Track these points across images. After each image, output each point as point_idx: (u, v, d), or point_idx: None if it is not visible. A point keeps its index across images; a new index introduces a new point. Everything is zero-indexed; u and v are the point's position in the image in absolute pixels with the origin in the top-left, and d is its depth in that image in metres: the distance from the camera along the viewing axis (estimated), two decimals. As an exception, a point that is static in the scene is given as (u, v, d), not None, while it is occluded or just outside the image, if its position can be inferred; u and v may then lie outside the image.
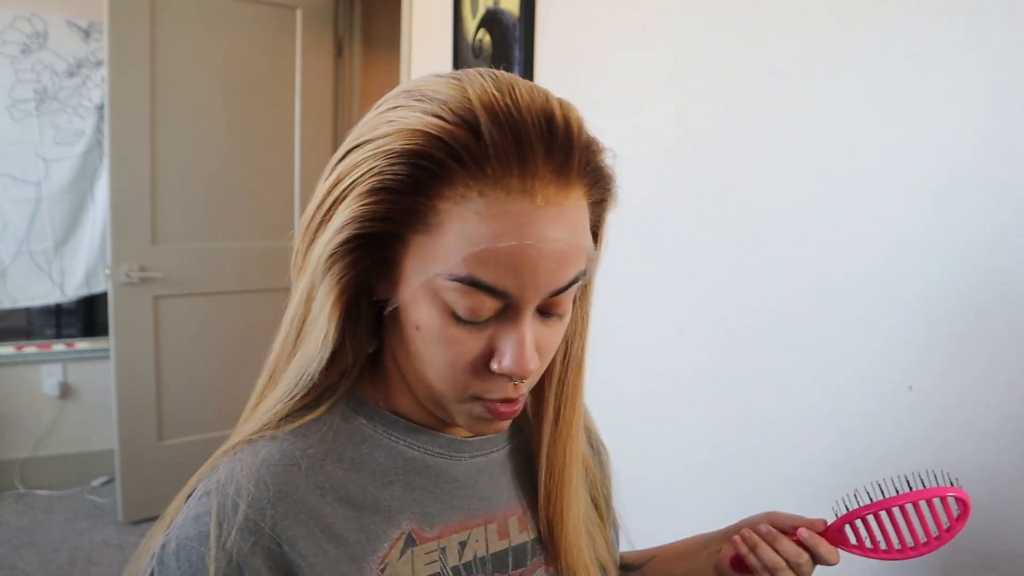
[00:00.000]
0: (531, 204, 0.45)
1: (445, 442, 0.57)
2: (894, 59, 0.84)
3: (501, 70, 0.49)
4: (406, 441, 0.56)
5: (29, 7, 2.67)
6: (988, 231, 0.75)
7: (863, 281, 0.88)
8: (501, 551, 0.58)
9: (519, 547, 0.59)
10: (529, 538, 0.60)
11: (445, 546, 0.55)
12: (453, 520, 0.56)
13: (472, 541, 0.57)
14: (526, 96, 0.46)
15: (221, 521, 0.47)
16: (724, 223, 1.09)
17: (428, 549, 0.54)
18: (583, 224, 0.48)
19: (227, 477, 0.50)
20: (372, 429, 0.56)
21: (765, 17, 1.02)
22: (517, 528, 0.60)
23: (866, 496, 0.63)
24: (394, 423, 0.56)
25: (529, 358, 0.48)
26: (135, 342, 2.53)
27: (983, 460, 0.76)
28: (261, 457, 0.51)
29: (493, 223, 0.44)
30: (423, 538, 0.54)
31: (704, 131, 1.14)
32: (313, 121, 2.83)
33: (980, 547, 0.76)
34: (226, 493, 0.49)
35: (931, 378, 0.81)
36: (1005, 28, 0.73)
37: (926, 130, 0.81)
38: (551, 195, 0.45)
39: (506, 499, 0.60)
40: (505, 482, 0.60)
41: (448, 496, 0.57)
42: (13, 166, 2.72)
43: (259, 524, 0.48)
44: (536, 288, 0.46)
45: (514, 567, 0.58)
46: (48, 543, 2.46)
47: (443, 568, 0.54)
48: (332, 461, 0.53)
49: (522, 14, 1.60)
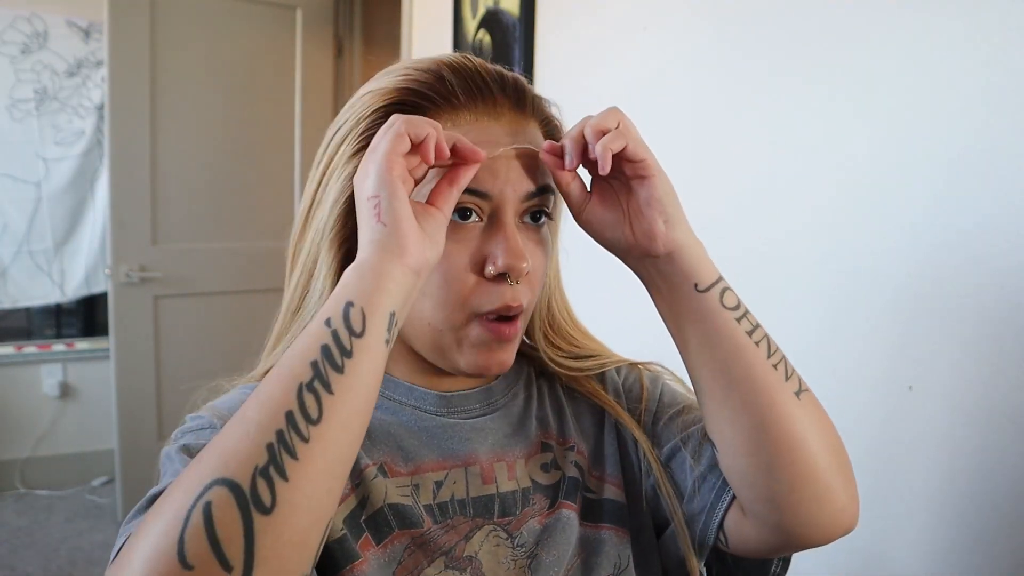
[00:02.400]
0: (497, 123, 0.54)
1: (422, 394, 0.59)
2: (894, 58, 0.84)
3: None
4: (386, 394, 0.59)
5: (29, 7, 2.67)
6: (988, 231, 0.75)
7: (863, 281, 0.88)
8: (485, 496, 0.57)
9: (508, 495, 0.57)
10: (519, 487, 0.58)
11: (419, 483, 0.55)
12: (429, 458, 0.57)
13: (449, 482, 0.56)
14: (481, 60, 0.55)
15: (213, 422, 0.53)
16: (724, 222, 1.09)
17: (400, 483, 0.55)
18: (539, 142, 0.55)
19: (209, 406, 0.56)
20: None
21: (765, 16, 1.02)
22: (506, 475, 0.58)
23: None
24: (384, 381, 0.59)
25: (521, 253, 0.51)
26: (135, 342, 2.53)
27: (983, 460, 0.76)
28: (239, 389, 0.57)
29: (468, 136, 0.51)
30: (395, 472, 0.55)
31: (704, 130, 1.14)
32: (313, 121, 2.83)
33: (981, 547, 0.76)
34: (212, 412, 0.54)
35: (931, 378, 0.81)
36: (1006, 27, 0.73)
37: (926, 130, 0.81)
38: (512, 119, 0.55)
39: (491, 445, 0.59)
40: (492, 429, 0.60)
41: (426, 435, 0.58)
42: (13, 166, 2.72)
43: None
44: (513, 187, 0.53)
45: (500, 515, 0.56)
46: (48, 543, 2.46)
47: (415, 504, 0.54)
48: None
49: (522, 14, 1.60)
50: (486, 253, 0.52)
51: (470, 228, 0.53)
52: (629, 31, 1.29)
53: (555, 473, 0.60)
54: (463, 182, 0.50)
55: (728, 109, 1.09)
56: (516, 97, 0.55)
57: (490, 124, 0.54)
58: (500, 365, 0.55)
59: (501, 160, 0.52)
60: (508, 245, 0.52)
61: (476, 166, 0.50)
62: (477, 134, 0.52)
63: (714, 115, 1.12)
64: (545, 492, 0.59)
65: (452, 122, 0.53)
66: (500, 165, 0.52)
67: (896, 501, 0.84)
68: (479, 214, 0.53)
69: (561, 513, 0.58)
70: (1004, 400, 0.74)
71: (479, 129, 0.53)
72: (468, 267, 0.53)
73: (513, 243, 0.52)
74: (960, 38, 0.77)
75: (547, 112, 0.59)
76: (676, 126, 1.19)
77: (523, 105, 0.56)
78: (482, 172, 0.51)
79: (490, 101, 0.54)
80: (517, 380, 0.65)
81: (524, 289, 0.54)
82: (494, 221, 0.53)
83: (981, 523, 0.76)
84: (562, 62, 1.52)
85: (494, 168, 0.52)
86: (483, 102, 0.54)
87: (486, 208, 0.53)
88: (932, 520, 0.80)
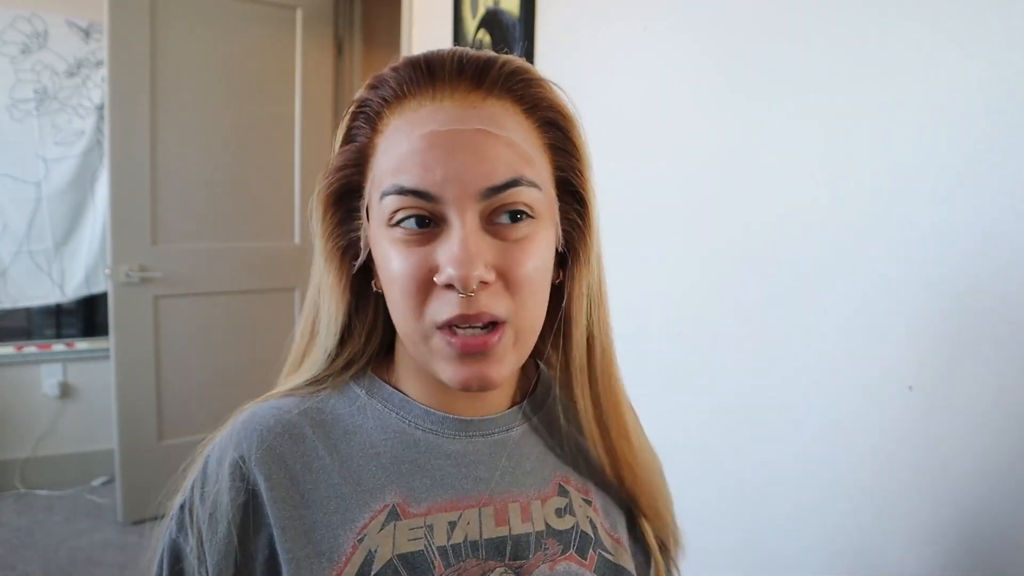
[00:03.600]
0: (440, 107, 0.48)
1: (439, 419, 0.56)
2: (895, 57, 0.84)
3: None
4: (399, 414, 0.56)
5: (29, 7, 2.67)
6: (988, 231, 0.75)
7: (863, 281, 0.88)
8: (498, 538, 0.54)
9: (521, 537, 0.55)
10: (534, 529, 0.55)
11: (432, 524, 0.52)
12: (442, 498, 0.54)
13: (463, 523, 0.53)
14: (464, 49, 0.50)
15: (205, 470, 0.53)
16: (725, 223, 1.09)
17: (413, 525, 0.52)
18: (512, 127, 0.49)
19: (220, 440, 0.54)
20: (368, 401, 0.57)
21: (765, 15, 1.02)
22: (519, 517, 0.55)
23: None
24: (390, 396, 0.57)
25: (466, 260, 0.45)
26: (135, 342, 2.53)
27: (983, 460, 0.75)
28: (258, 419, 0.54)
29: (407, 126, 0.48)
30: (408, 513, 0.52)
31: (705, 129, 1.14)
32: (313, 121, 2.83)
33: (982, 547, 0.76)
34: (215, 453, 0.53)
35: (931, 378, 0.81)
36: (1007, 26, 0.73)
37: (926, 130, 0.81)
38: (461, 97, 0.48)
39: (507, 484, 0.56)
40: (509, 467, 0.57)
41: (438, 473, 0.54)
42: (13, 166, 2.72)
43: (243, 479, 0.51)
44: (460, 183, 0.46)
45: (512, 557, 0.54)
46: (48, 543, 2.46)
47: (428, 546, 0.52)
48: (322, 431, 0.55)
49: (522, 14, 1.60)
50: (432, 262, 0.47)
51: (425, 235, 0.48)
52: (629, 31, 1.29)
53: (569, 519, 0.58)
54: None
55: (729, 109, 1.09)
56: (475, 76, 0.48)
57: (431, 108, 0.48)
58: (481, 380, 0.49)
59: (437, 151, 0.46)
60: (452, 252, 0.45)
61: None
62: (415, 120, 0.48)
63: (715, 115, 1.11)
64: (558, 538, 0.56)
65: (399, 113, 0.49)
66: (439, 159, 0.46)
67: (896, 501, 0.84)
68: (434, 219, 0.47)
69: (571, 566, 0.56)
70: (1004, 400, 0.74)
71: (419, 116, 0.48)
72: (421, 276, 0.47)
73: (458, 249, 0.45)
74: (961, 35, 0.77)
75: (531, 92, 0.51)
76: (677, 126, 1.19)
77: (483, 83, 0.49)
78: (420, 170, 0.46)
79: (440, 86, 0.48)
80: (542, 406, 0.62)
81: (497, 298, 0.48)
82: (446, 226, 0.47)
83: (981, 523, 0.76)
84: (562, 62, 1.52)
85: (431, 163, 0.46)
86: (426, 84, 0.48)
87: (436, 211, 0.47)
88: (932, 520, 0.80)
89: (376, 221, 0.50)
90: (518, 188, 0.48)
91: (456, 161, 0.46)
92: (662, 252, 1.22)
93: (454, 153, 0.46)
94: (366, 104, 0.51)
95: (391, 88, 0.49)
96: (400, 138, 0.48)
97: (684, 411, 1.19)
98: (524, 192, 0.48)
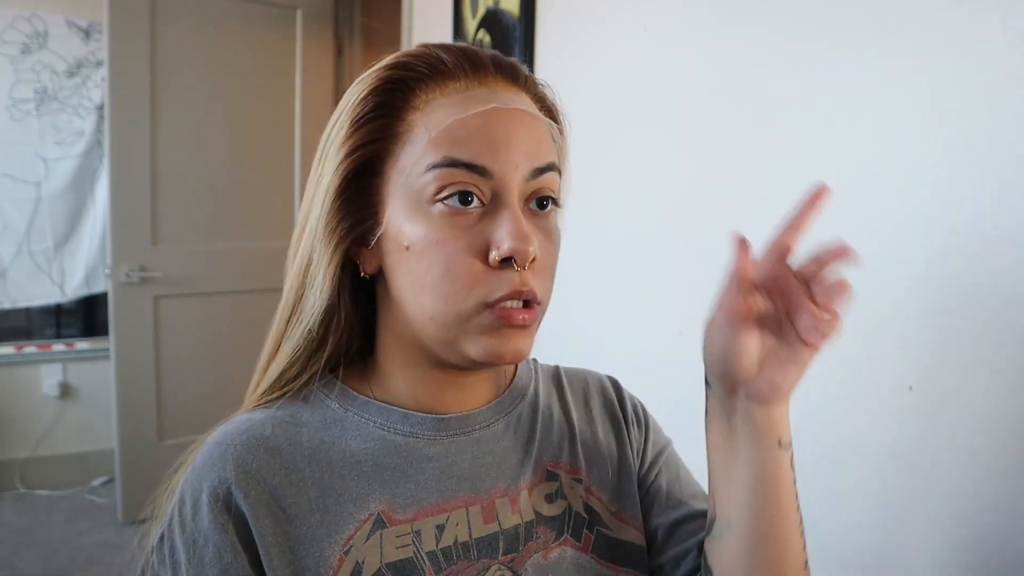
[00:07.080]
0: (489, 90, 0.51)
1: (418, 420, 0.55)
2: (894, 57, 0.84)
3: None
4: (377, 422, 0.55)
5: (29, 7, 2.67)
6: (988, 231, 0.75)
7: (863, 281, 0.88)
8: (488, 536, 0.54)
9: (511, 531, 0.54)
10: (523, 520, 0.55)
11: (420, 529, 0.52)
12: (428, 502, 0.53)
13: (452, 525, 0.53)
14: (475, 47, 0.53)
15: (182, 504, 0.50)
16: (725, 223, 1.09)
17: (400, 532, 0.51)
18: (544, 121, 0.53)
19: (195, 468, 0.52)
20: (344, 412, 0.55)
21: (765, 15, 1.02)
22: (508, 509, 0.55)
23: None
24: (366, 404, 0.56)
25: (525, 235, 0.47)
26: (135, 342, 2.53)
27: (984, 460, 0.75)
28: (231, 437, 0.52)
29: (458, 104, 0.49)
30: (394, 520, 0.52)
31: (704, 129, 1.14)
32: (313, 121, 2.83)
33: (982, 547, 0.76)
34: (191, 483, 0.51)
35: (931, 378, 0.81)
36: (1006, 23, 0.73)
37: (926, 129, 0.81)
38: (504, 86, 0.52)
39: (493, 478, 0.56)
40: (493, 461, 0.57)
41: (422, 476, 0.54)
42: (13, 166, 2.72)
43: (226, 506, 0.49)
44: (513, 161, 0.49)
45: (505, 552, 0.53)
46: (48, 543, 2.46)
47: (417, 553, 0.51)
48: (298, 442, 0.53)
49: (522, 14, 1.60)
50: (489, 238, 0.48)
51: (470, 214, 0.49)
52: (629, 31, 1.29)
53: (560, 503, 0.57)
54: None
55: (729, 109, 1.09)
56: (511, 74, 0.52)
57: (481, 91, 0.50)
58: (515, 353, 0.50)
59: (500, 131, 0.48)
60: (512, 227, 0.47)
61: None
62: (468, 101, 0.49)
63: (715, 115, 1.12)
64: (550, 524, 0.56)
65: (440, 91, 0.50)
66: (499, 137, 0.48)
67: (896, 501, 0.84)
68: (480, 197, 0.49)
69: (566, 551, 0.55)
70: (1004, 400, 0.74)
71: (469, 96, 0.50)
72: (471, 255, 0.48)
73: (517, 225, 0.48)
74: (960, 32, 0.77)
75: (541, 91, 0.56)
76: (677, 126, 1.19)
77: (517, 80, 0.53)
78: (479, 145, 0.48)
79: (481, 71, 0.51)
80: (521, 398, 0.62)
81: (535, 278, 0.50)
82: (496, 203, 0.49)
83: (981, 523, 0.76)
84: (562, 63, 1.52)
85: (493, 139, 0.48)
86: (473, 71, 0.51)
87: (486, 189, 0.49)
88: (932, 520, 0.80)
89: (407, 199, 0.49)
90: (552, 173, 0.51)
91: (514, 138, 0.49)
92: (662, 252, 1.22)
93: (513, 131, 0.49)
94: (394, 81, 0.50)
95: (428, 64, 0.50)
96: (448, 113, 0.49)
97: (684, 411, 1.18)
98: (554, 178, 0.52)
